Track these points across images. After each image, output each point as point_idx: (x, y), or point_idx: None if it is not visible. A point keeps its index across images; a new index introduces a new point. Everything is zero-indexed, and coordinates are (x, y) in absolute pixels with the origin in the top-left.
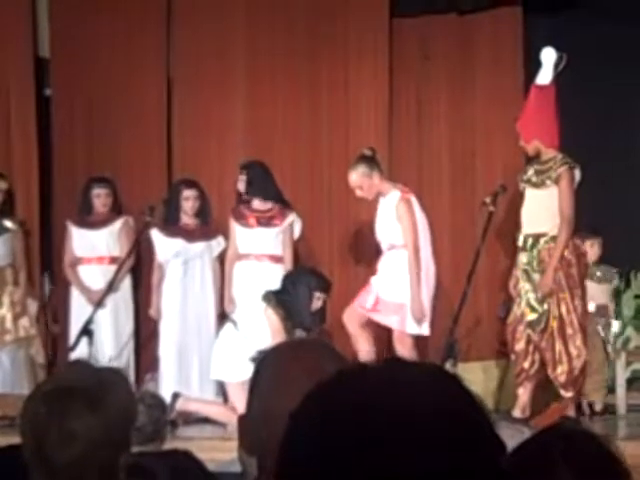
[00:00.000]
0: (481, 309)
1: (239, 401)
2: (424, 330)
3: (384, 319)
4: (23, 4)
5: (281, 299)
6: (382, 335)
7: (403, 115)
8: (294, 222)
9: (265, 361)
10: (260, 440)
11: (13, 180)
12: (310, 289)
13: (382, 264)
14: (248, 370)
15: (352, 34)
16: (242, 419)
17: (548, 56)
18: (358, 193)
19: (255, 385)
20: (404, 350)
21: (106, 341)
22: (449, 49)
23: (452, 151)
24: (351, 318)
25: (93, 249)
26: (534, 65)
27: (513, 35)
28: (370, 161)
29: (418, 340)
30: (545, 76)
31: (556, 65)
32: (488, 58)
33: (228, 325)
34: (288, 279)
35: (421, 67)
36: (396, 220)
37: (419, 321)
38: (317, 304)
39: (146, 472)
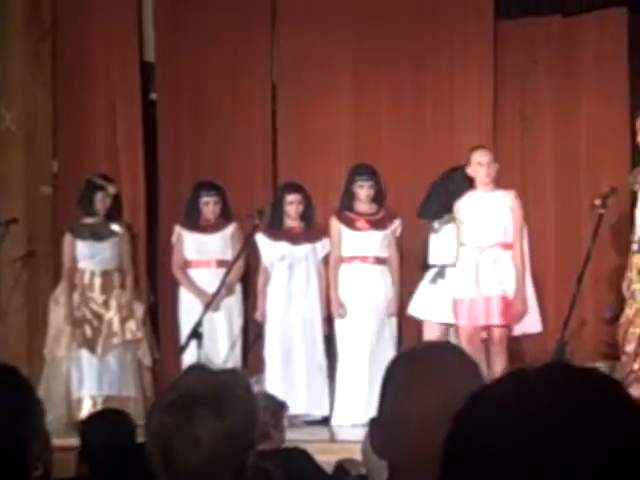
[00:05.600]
0: (587, 311)
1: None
2: (537, 328)
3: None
4: (129, 10)
5: None
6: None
7: (508, 118)
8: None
9: (395, 365)
10: (392, 443)
11: (120, 184)
12: None
13: (489, 264)
14: (445, 315)
15: (457, 40)
16: (373, 422)
17: None
18: (488, 171)
19: (386, 388)
20: (503, 351)
21: (221, 345)
22: (553, 51)
23: (557, 155)
24: (474, 342)
25: (205, 253)
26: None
27: (618, 36)
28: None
29: (525, 342)
30: None
31: None
32: (593, 60)
33: (433, 271)
34: None
35: (526, 70)
36: (510, 218)
37: (522, 318)
38: None
39: (260, 471)
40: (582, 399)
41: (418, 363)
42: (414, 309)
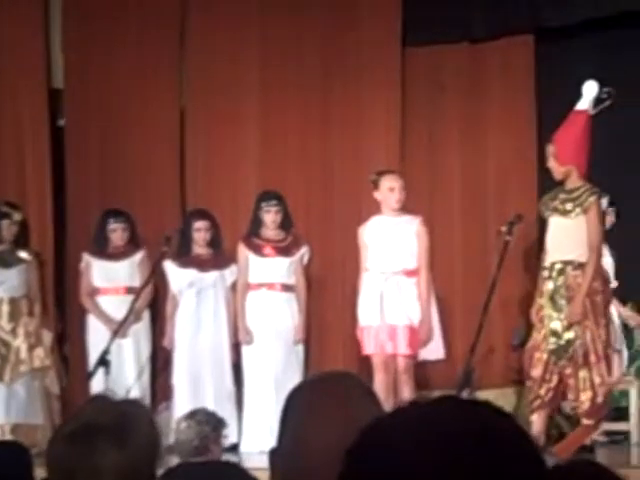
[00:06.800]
0: (495, 337)
1: None
2: (439, 354)
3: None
4: (37, 35)
5: None
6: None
7: (415, 144)
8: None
9: (295, 395)
10: (292, 473)
11: (27, 211)
12: None
13: (394, 292)
14: None
15: (364, 66)
16: (273, 453)
17: (589, 89)
18: (399, 197)
19: (286, 419)
20: (410, 380)
21: (128, 371)
22: (461, 78)
23: (464, 181)
24: (389, 370)
25: (113, 280)
26: (546, 94)
27: (525, 63)
28: None
29: (432, 368)
30: (586, 106)
31: (600, 99)
32: (500, 87)
33: None
34: None
35: (433, 96)
36: (416, 243)
37: (426, 345)
38: None
39: None
40: (473, 432)
41: (318, 393)
42: None
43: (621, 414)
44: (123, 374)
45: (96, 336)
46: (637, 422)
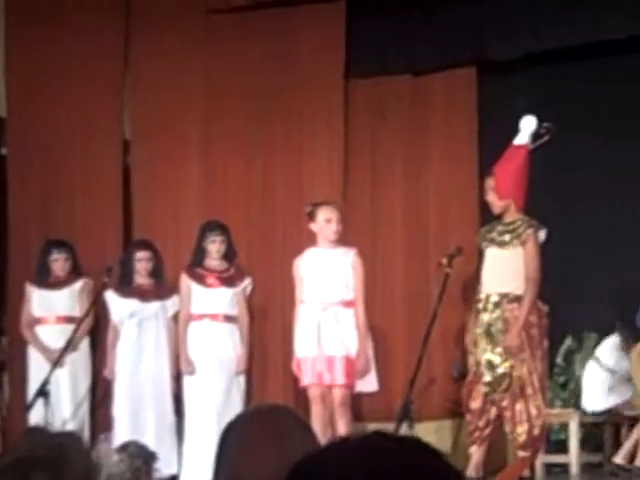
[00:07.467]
0: (435, 369)
1: None
2: (373, 386)
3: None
4: None
5: None
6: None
7: (358, 176)
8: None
9: (230, 430)
10: None
11: None
12: None
13: (331, 322)
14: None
15: (307, 96)
16: None
17: (527, 124)
18: (337, 228)
19: (221, 454)
20: (347, 412)
21: (64, 401)
22: (404, 110)
23: (406, 212)
24: (326, 402)
25: (52, 309)
26: (487, 126)
27: (468, 96)
28: None
29: (372, 400)
30: (525, 140)
31: (538, 134)
32: (443, 119)
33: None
34: None
35: (376, 128)
36: (352, 275)
37: (364, 376)
38: None
39: None
40: (402, 468)
41: (253, 428)
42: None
43: (560, 447)
44: (60, 405)
45: (37, 366)
46: (576, 454)
